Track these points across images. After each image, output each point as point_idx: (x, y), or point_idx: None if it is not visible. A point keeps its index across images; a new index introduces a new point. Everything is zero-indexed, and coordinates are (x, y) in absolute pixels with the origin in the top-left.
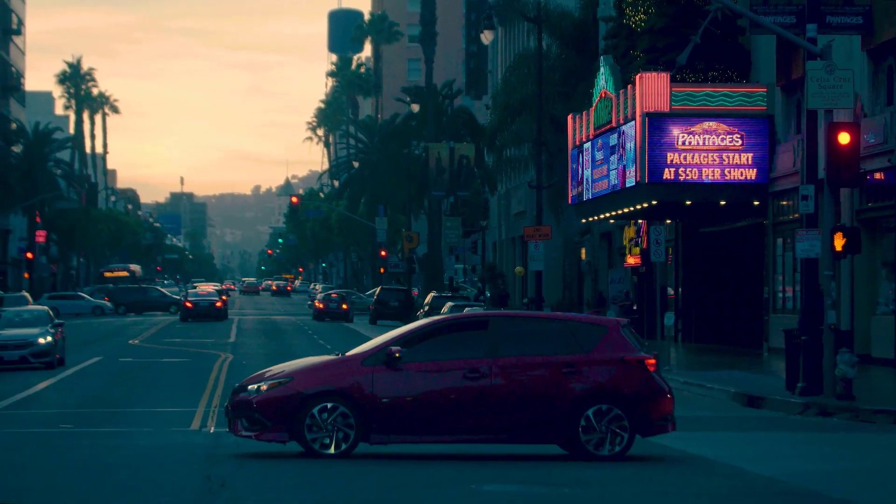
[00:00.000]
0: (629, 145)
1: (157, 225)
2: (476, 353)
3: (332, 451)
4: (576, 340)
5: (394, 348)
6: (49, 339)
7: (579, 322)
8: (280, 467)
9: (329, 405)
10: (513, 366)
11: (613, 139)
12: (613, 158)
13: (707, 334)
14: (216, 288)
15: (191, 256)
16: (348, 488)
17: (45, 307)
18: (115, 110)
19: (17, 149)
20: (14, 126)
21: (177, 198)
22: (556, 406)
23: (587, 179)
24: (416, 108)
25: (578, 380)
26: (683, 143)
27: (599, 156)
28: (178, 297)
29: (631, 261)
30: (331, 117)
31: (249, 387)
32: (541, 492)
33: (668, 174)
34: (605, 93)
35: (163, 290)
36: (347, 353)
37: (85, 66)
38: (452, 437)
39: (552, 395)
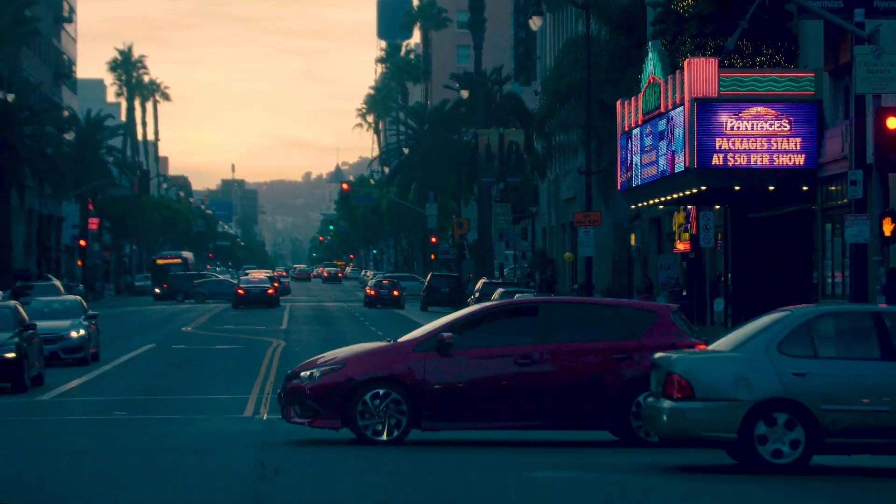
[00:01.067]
0: (677, 131)
1: (209, 212)
2: (527, 340)
3: (384, 437)
4: (627, 326)
5: (445, 334)
6: (82, 332)
7: (630, 308)
8: (333, 454)
9: (381, 392)
10: (564, 352)
11: (662, 125)
12: (662, 144)
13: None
14: (268, 275)
15: (242, 243)
16: (400, 475)
17: (79, 297)
18: (166, 97)
19: (69, 136)
20: (66, 114)
21: (228, 185)
22: (607, 392)
23: (636, 165)
24: (465, 94)
25: (629, 366)
26: (732, 129)
27: (648, 141)
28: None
29: (680, 246)
30: (380, 104)
31: (302, 374)
32: (591, 478)
33: (716, 160)
34: (654, 78)
35: (220, 276)
36: (399, 340)
37: (136, 54)
38: (504, 423)
39: (603, 382)
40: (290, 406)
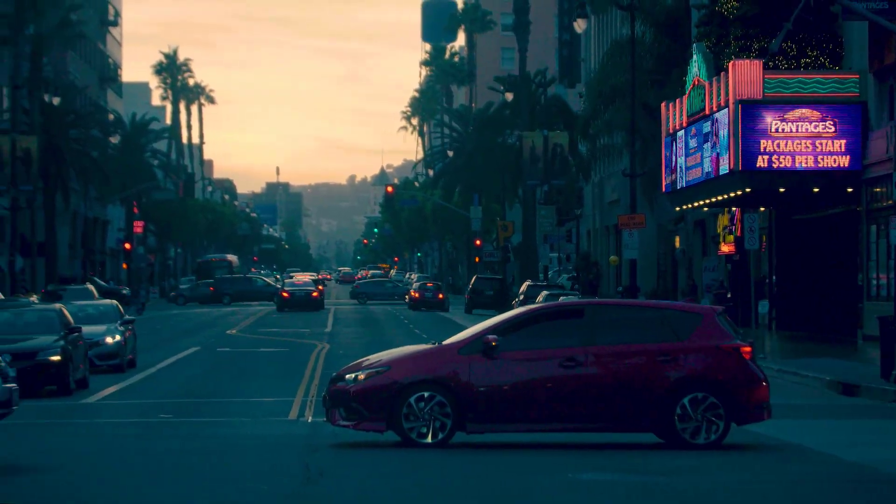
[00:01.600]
0: (722, 133)
1: (254, 215)
2: (572, 342)
3: (428, 440)
4: (671, 328)
5: (490, 337)
6: (118, 337)
7: (675, 310)
8: (377, 456)
9: (426, 394)
10: (609, 354)
11: (707, 127)
12: (707, 146)
13: (801, 322)
14: (312, 278)
15: (287, 246)
16: (445, 477)
17: (115, 302)
18: (211, 100)
19: (114, 140)
20: (112, 117)
21: (273, 188)
22: (652, 394)
23: (681, 167)
24: (509, 96)
25: (674, 368)
26: (776, 131)
27: (693, 143)
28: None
29: (725, 249)
30: (425, 106)
31: (347, 376)
32: (636, 480)
33: (761, 162)
34: (698, 80)
35: (266, 279)
36: (444, 342)
37: (181, 57)
38: (548, 425)
39: (648, 384)
40: (335, 409)
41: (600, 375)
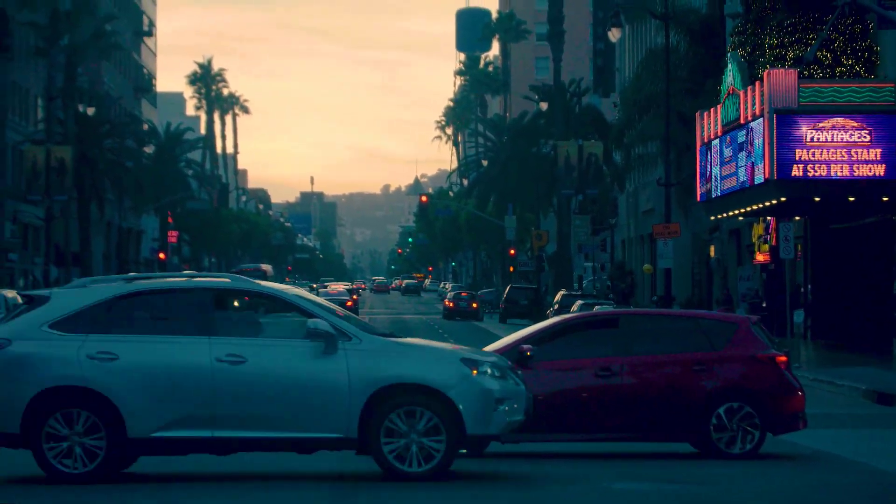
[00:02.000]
0: (757, 142)
1: (288, 225)
2: (607, 351)
3: (463, 450)
4: (706, 338)
5: (525, 347)
6: None
7: (710, 319)
8: None
9: None
10: (644, 364)
11: (741, 136)
12: (741, 155)
13: (837, 331)
14: (347, 287)
15: (321, 256)
16: (479, 486)
17: None
18: (246, 110)
19: (149, 150)
20: (146, 127)
21: (307, 197)
22: (687, 404)
23: (715, 176)
24: (544, 106)
25: (709, 377)
26: (811, 140)
27: (728, 152)
28: None
29: (760, 258)
30: (459, 116)
31: None
32: (671, 489)
33: (796, 171)
34: (733, 89)
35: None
36: None
37: (215, 67)
38: (583, 435)
39: (683, 393)
40: None
41: (635, 385)
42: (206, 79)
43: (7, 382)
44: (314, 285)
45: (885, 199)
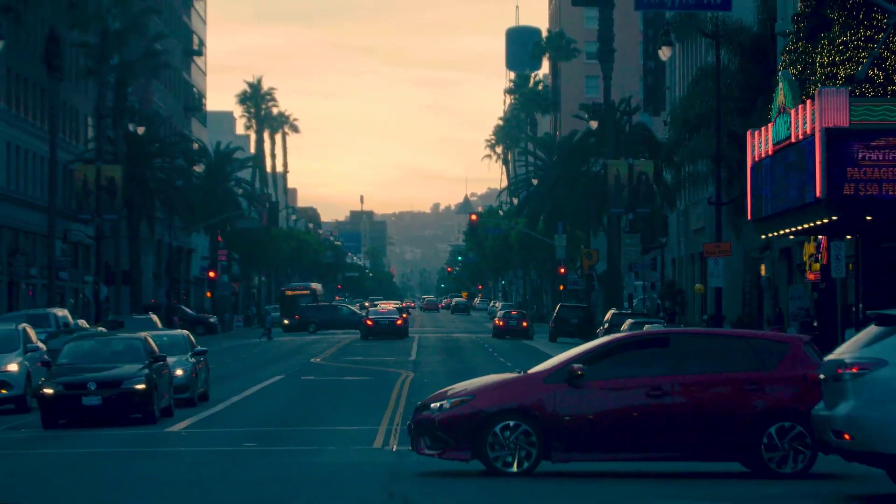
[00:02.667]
0: (808, 161)
1: (338, 243)
2: (658, 371)
3: (514, 469)
4: (758, 357)
5: (576, 366)
6: (186, 370)
7: (761, 339)
8: (462, 485)
9: (511, 423)
10: (695, 383)
11: (792, 154)
12: (792, 174)
13: None
14: (396, 306)
15: (370, 274)
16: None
17: (186, 331)
18: (295, 129)
19: (199, 169)
20: (196, 146)
21: (357, 216)
22: (738, 424)
23: (766, 195)
24: (594, 124)
25: (761, 397)
26: (863, 159)
27: (779, 171)
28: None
29: (811, 276)
30: (509, 134)
31: (432, 405)
32: None
33: (847, 190)
34: (784, 108)
35: (351, 307)
36: (529, 371)
37: (265, 86)
38: (634, 454)
39: (734, 413)
40: (420, 437)
41: (686, 404)
42: (255, 98)
43: None
44: (366, 304)
45: None
